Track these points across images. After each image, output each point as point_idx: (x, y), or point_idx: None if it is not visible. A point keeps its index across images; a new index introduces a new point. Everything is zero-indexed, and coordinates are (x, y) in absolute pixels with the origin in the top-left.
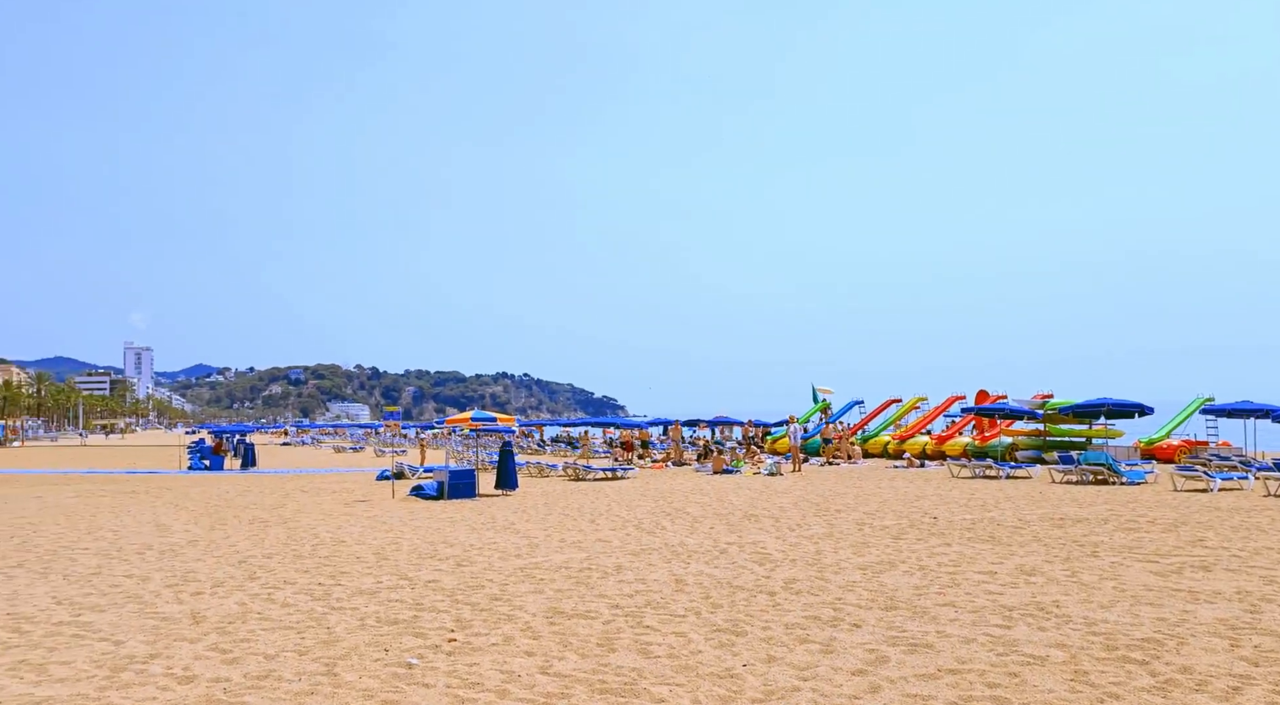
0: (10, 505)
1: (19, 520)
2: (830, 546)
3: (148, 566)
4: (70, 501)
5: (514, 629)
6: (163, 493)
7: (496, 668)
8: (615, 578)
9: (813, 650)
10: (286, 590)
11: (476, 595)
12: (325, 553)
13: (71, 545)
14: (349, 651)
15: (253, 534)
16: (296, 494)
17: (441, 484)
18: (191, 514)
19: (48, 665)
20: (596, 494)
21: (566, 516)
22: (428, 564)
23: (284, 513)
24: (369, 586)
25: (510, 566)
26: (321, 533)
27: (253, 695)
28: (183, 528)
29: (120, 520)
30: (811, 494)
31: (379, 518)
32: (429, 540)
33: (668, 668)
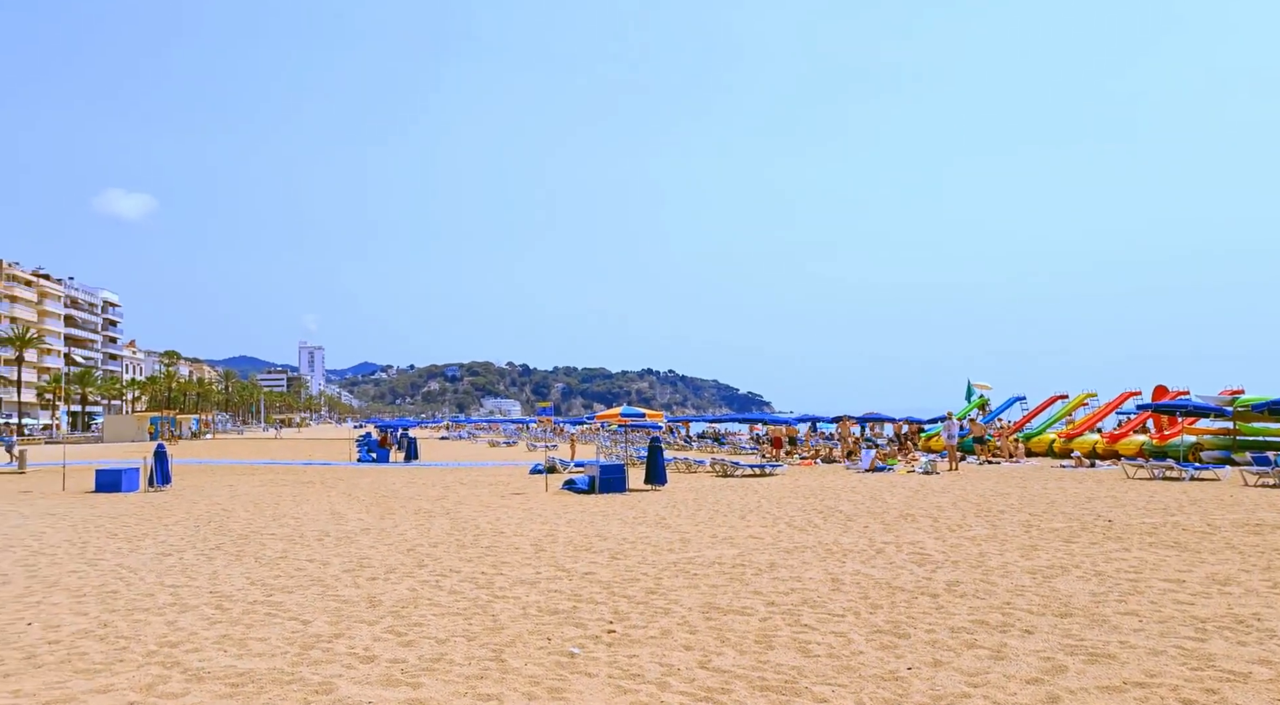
0: (206, 493)
1: (215, 507)
2: (995, 548)
3: (327, 552)
4: (256, 490)
5: (671, 623)
6: (336, 483)
7: (656, 660)
8: (769, 575)
9: (981, 656)
10: (453, 578)
11: (632, 588)
12: (486, 543)
13: (260, 531)
14: (514, 639)
15: (419, 524)
16: (456, 486)
17: (593, 478)
18: (362, 503)
19: (247, 640)
20: (745, 490)
21: (716, 512)
22: (583, 556)
23: (446, 504)
24: (529, 577)
25: (664, 561)
26: (482, 524)
27: (427, 676)
28: (355, 516)
29: (300, 508)
30: (971, 493)
31: (534, 510)
32: (583, 533)
33: (829, 667)
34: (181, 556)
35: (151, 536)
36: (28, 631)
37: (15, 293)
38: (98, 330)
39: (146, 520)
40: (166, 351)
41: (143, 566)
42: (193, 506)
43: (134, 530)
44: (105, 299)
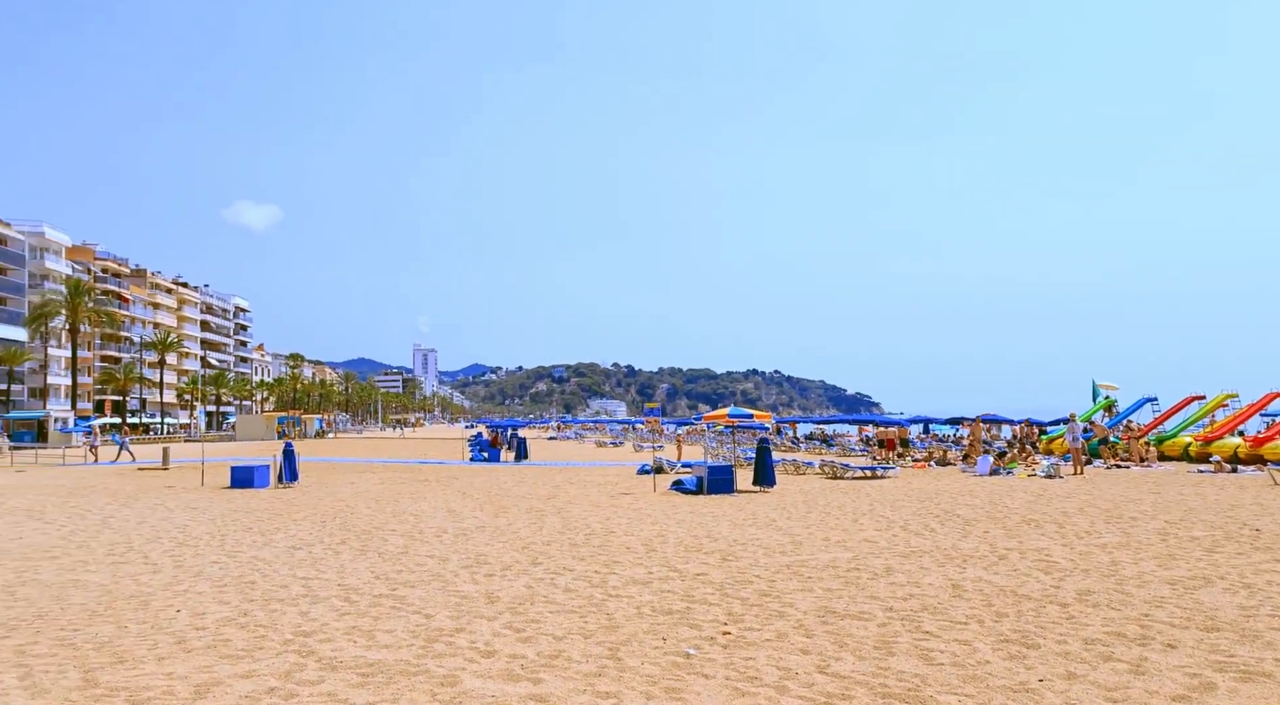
0: (331, 490)
1: (339, 503)
2: (1128, 557)
3: (445, 548)
4: (376, 488)
5: (786, 626)
6: (450, 481)
7: (773, 664)
8: (886, 580)
9: (1120, 670)
10: (567, 576)
11: (745, 590)
12: (598, 542)
13: (381, 527)
14: (629, 638)
15: (531, 522)
16: (565, 485)
17: (700, 479)
18: (476, 501)
19: (374, 632)
20: (857, 493)
21: (828, 515)
22: (694, 557)
23: (556, 503)
24: (641, 576)
25: (776, 563)
26: (592, 523)
27: (546, 672)
28: (471, 514)
29: (418, 505)
30: (1098, 498)
31: (643, 510)
32: (693, 534)
33: (954, 676)
34: (311, 550)
35: (283, 531)
36: (177, 618)
37: (158, 299)
38: (230, 334)
39: (278, 515)
40: (291, 354)
41: (276, 559)
42: (319, 502)
43: (267, 524)
44: (237, 305)
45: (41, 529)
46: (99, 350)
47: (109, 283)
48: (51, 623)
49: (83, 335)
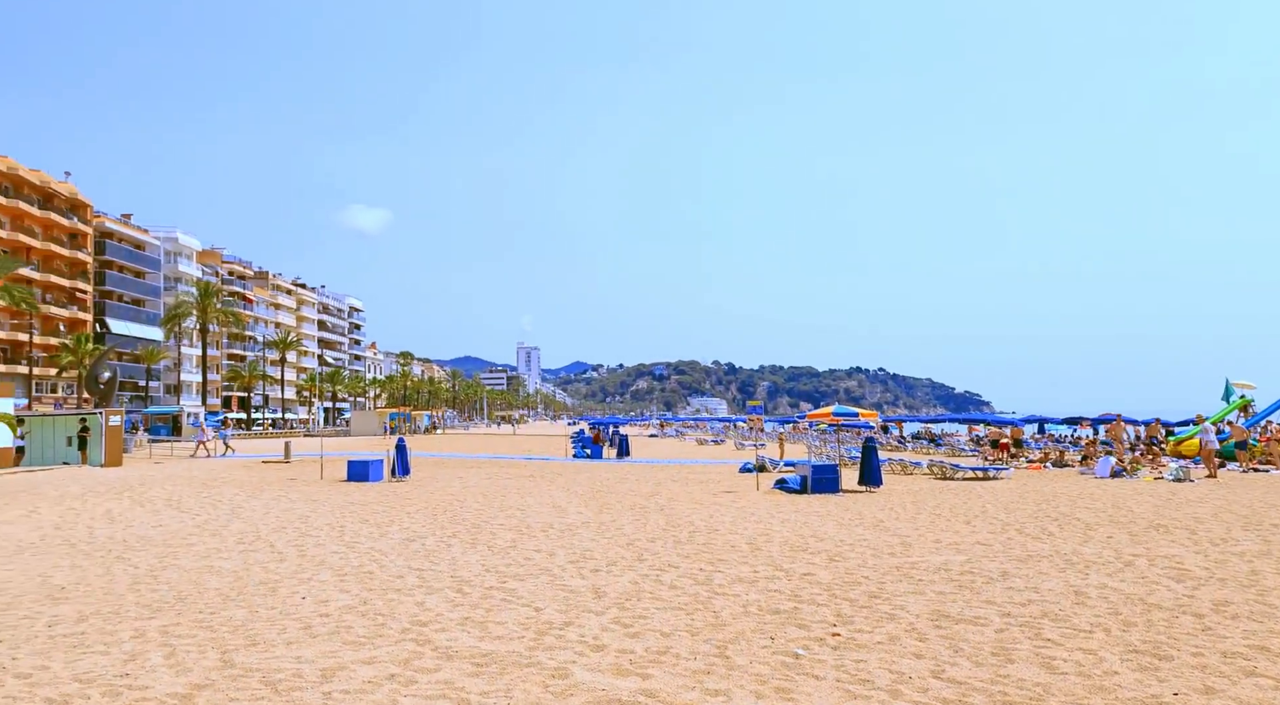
0: (441, 485)
1: (449, 498)
2: (1270, 567)
3: (552, 543)
4: (484, 483)
5: (898, 629)
6: (555, 478)
7: (885, 667)
8: (1002, 584)
9: (1264, 686)
10: (671, 573)
11: (854, 591)
12: (702, 540)
13: (489, 521)
14: (736, 636)
15: (635, 519)
16: (668, 483)
17: (804, 478)
18: (580, 498)
19: (487, 623)
20: (968, 494)
21: (938, 516)
22: (800, 557)
23: (659, 500)
24: (747, 575)
25: (885, 564)
26: (696, 520)
27: (655, 668)
28: (575, 510)
29: (524, 501)
30: (1234, 504)
31: (746, 509)
32: (798, 533)
33: (1079, 686)
34: (424, 542)
35: (397, 523)
36: (303, 605)
37: (279, 300)
38: (345, 333)
39: (391, 508)
40: (402, 353)
41: (391, 550)
42: (430, 496)
43: (382, 517)
44: (351, 305)
45: (178, 518)
46: (226, 349)
47: (235, 284)
48: (191, 606)
49: (212, 335)
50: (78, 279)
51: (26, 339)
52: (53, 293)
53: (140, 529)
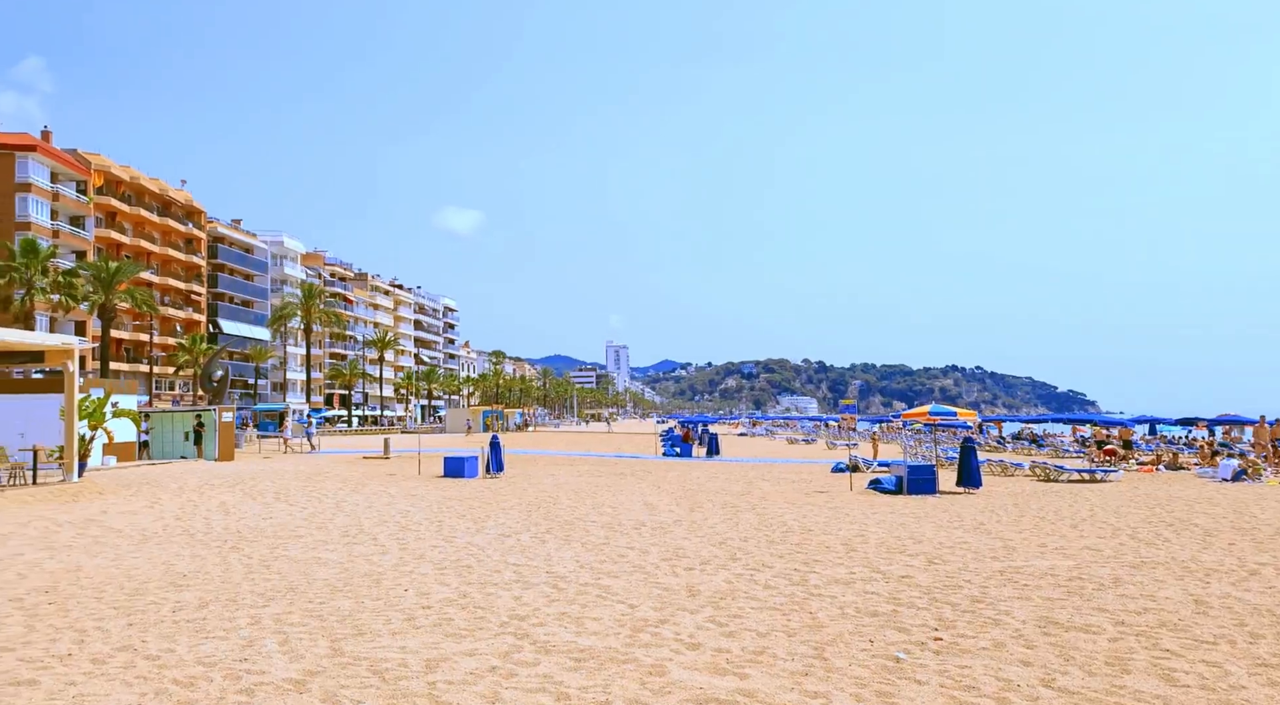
0: (534, 482)
1: (542, 494)
2: None
3: (644, 541)
4: (575, 480)
5: (1004, 635)
6: (645, 475)
7: (991, 674)
8: (1114, 591)
9: None
10: (766, 573)
11: (955, 595)
12: (795, 540)
13: (583, 518)
14: (834, 638)
15: (727, 518)
16: (759, 482)
17: (900, 478)
18: (671, 496)
19: (583, 619)
20: (1074, 497)
21: (1042, 519)
22: (897, 559)
23: (751, 499)
24: (843, 576)
25: (987, 568)
26: (789, 520)
27: (752, 668)
28: (666, 508)
29: (616, 498)
30: None
31: (840, 509)
32: (895, 535)
33: (1202, 700)
34: (519, 538)
35: (493, 519)
36: (405, 596)
37: (377, 301)
38: (439, 333)
39: (487, 504)
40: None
41: (488, 545)
42: (523, 493)
43: (478, 512)
44: (445, 305)
45: (287, 510)
46: (328, 348)
47: (336, 286)
48: (301, 595)
49: (315, 334)
50: (193, 282)
51: (147, 339)
52: (170, 295)
53: (252, 521)
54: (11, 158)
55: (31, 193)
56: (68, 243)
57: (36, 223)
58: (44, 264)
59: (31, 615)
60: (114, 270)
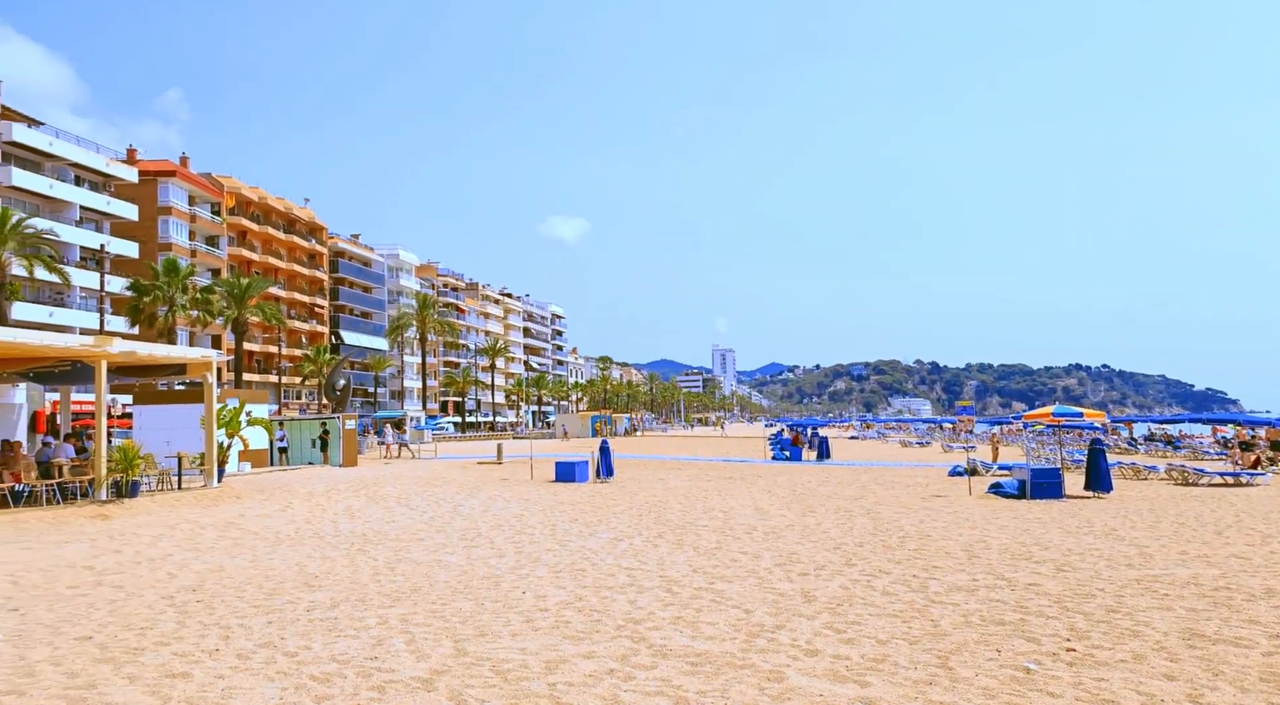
0: (643, 486)
1: (652, 499)
2: None
3: (757, 545)
4: (684, 484)
5: (1143, 647)
6: (755, 480)
7: (1131, 688)
8: (1267, 602)
9: None
10: (883, 579)
11: (1088, 604)
12: (913, 545)
13: (694, 522)
14: (958, 647)
15: (840, 522)
16: (872, 486)
17: (1023, 482)
18: (782, 500)
19: (698, 623)
20: (1216, 501)
21: (1181, 525)
22: (1023, 565)
23: (865, 503)
24: (965, 583)
25: (1122, 577)
26: (905, 525)
27: (873, 676)
28: (778, 512)
29: (726, 503)
30: None
31: (959, 513)
32: (1019, 540)
33: None
34: (631, 542)
35: (604, 523)
36: (523, 599)
37: (487, 310)
38: (548, 339)
39: (598, 508)
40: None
41: (601, 549)
42: (633, 497)
43: (590, 517)
44: (553, 312)
45: (409, 514)
46: (442, 356)
47: (449, 296)
48: (424, 597)
49: (429, 343)
50: (316, 295)
51: (276, 351)
52: (296, 308)
53: (376, 524)
54: (154, 184)
55: (172, 215)
56: (204, 261)
57: (176, 243)
58: (184, 282)
59: (182, 612)
60: (246, 286)
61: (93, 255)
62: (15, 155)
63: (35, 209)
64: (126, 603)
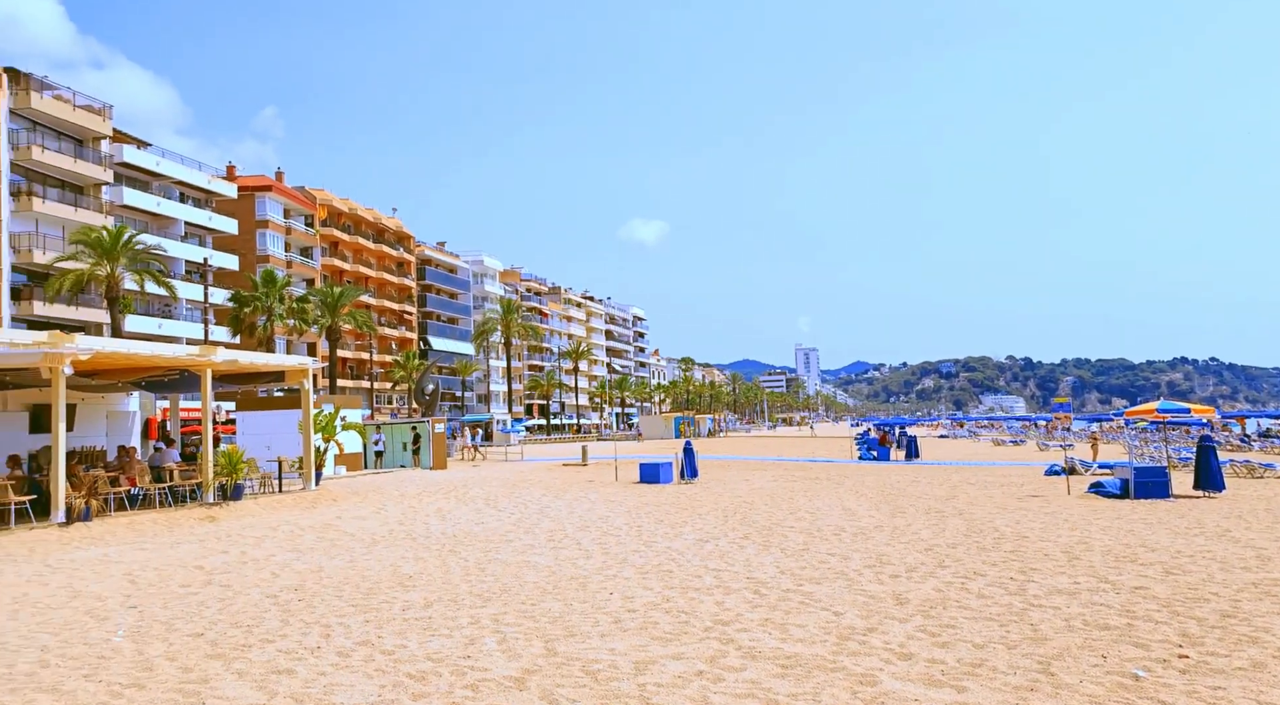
0: (728, 487)
1: (737, 500)
2: None
3: (845, 547)
4: (769, 485)
5: (1264, 654)
6: (841, 480)
7: (1251, 697)
8: None
9: None
10: (978, 581)
11: (1201, 609)
12: (1009, 547)
13: (780, 523)
14: (1061, 652)
15: (931, 523)
16: (964, 486)
17: (1126, 481)
18: (870, 500)
19: (787, 626)
20: None
21: None
22: (1128, 568)
23: (956, 504)
24: (1065, 586)
25: (1238, 580)
26: (1000, 526)
27: (970, 681)
28: (866, 513)
29: (813, 503)
30: None
31: (1058, 514)
32: (1123, 542)
33: None
34: (717, 543)
35: (689, 524)
36: (610, 600)
37: (570, 313)
38: (629, 342)
39: (683, 509)
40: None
41: (687, 550)
42: (718, 498)
43: (675, 518)
44: (634, 314)
45: (496, 516)
46: (526, 360)
47: (532, 300)
48: (514, 597)
49: (514, 347)
50: (404, 302)
51: (367, 357)
52: (386, 315)
53: (465, 525)
54: (252, 198)
55: (269, 228)
56: (299, 272)
57: (273, 255)
58: (280, 292)
59: (285, 611)
60: (338, 295)
61: (197, 268)
62: (126, 175)
63: (144, 225)
64: (234, 601)
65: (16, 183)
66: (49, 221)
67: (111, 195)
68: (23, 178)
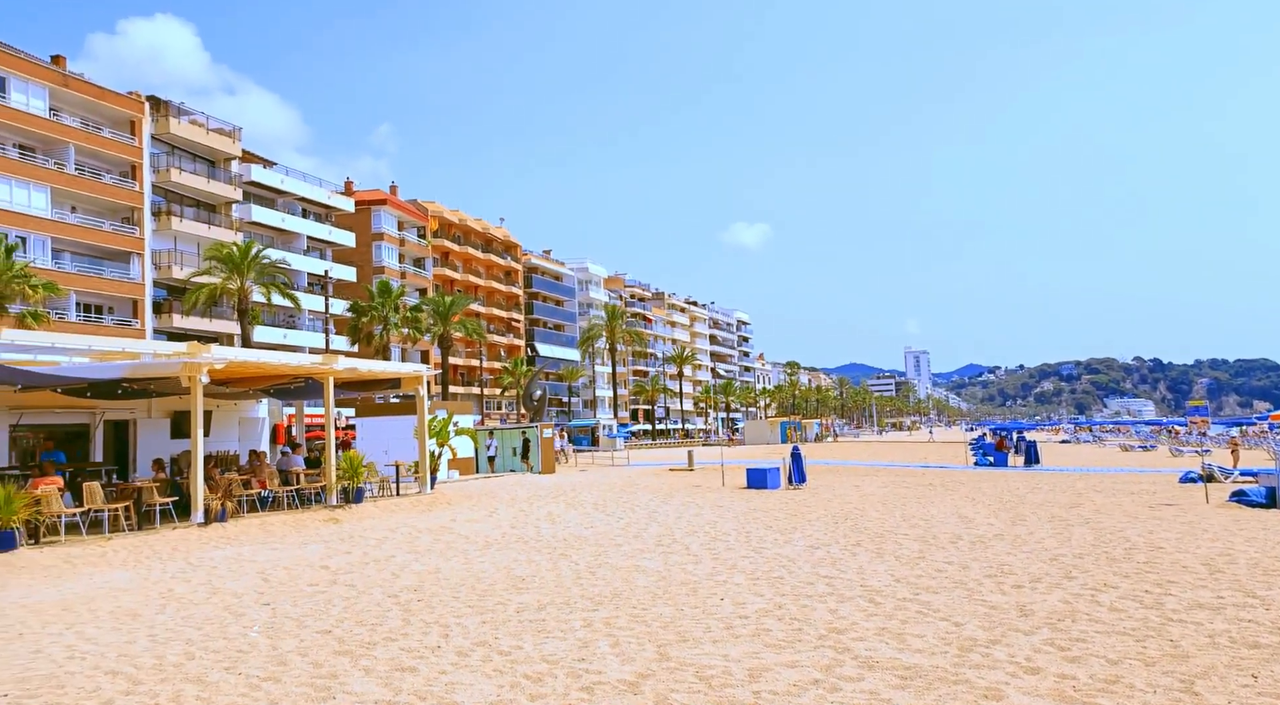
0: (838, 493)
1: (847, 506)
2: None
3: (963, 555)
4: (880, 491)
5: None
6: (956, 486)
7: None
8: None
9: None
10: (1110, 594)
11: None
12: (1142, 558)
13: (893, 530)
14: (1205, 670)
15: (1056, 532)
16: (1089, 493)
17: (1273, 490)
18: (988, 508)
19: (904, 635)
20: None
21: None
22: (1278, 582)
23: (1082, 512)
24: (1208, 600)
25: None
26: (1131, 535)
27: (1105, 698)
28: (984, 520)
29: (927, 510)
30: None
31: (1195, 523)
32: (1271, 554)
33: None
34: (828, 550)
35: (799, 530)
36: (721, 605)
37: (674, 319)
38: (734, 346)
39: (792, 515)
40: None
41: (798, 556)
42: (828, 504)
43: (784, 523)
44: (738, 318)
45: (605, 520)
46: (631, 365)
47: (636, 306)
48: (625, 601)
49: (619, 353)
50: (512, 310)
51: (477, 364)
52: (494, 323)
53: (575, 529)
54: (368, 212)
55: (384, 241)
56: (412, 282)
57: (388, 266)
58: (395, 302)
59: (406, 610)
60: (449, 304)
61: (318, 280)
62: (254, 193)
63: (270, 240)
64: (358, 600)
65: (157, 203)
66: (185, 239)
67: (241, 213)
68: (162, 198)
